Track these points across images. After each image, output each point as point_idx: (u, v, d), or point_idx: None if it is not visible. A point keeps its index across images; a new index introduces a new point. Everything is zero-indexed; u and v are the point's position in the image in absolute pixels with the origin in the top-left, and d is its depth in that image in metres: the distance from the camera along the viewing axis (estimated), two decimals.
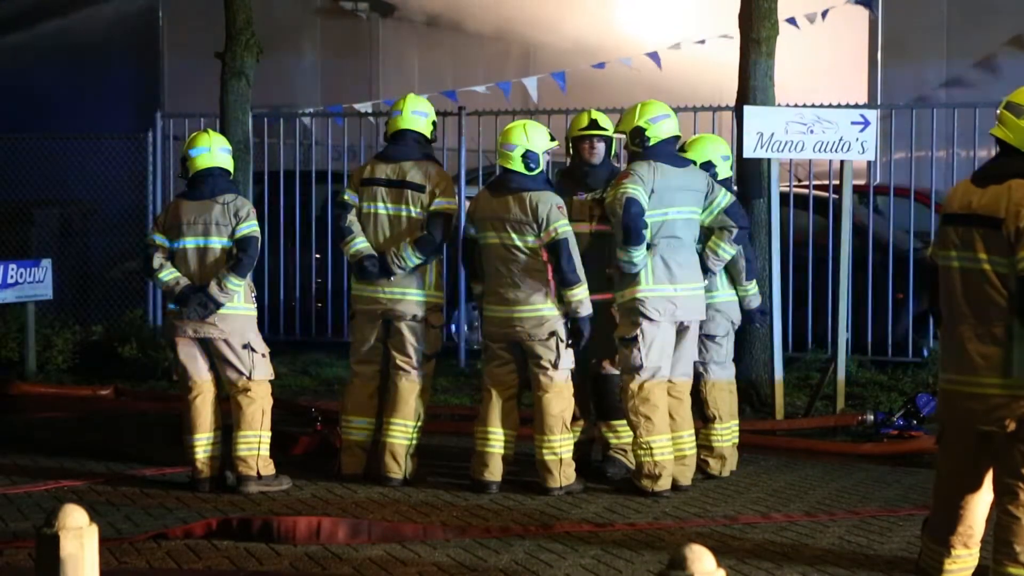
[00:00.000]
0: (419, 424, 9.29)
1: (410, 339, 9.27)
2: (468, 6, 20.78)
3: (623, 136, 9.15)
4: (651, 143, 8.98)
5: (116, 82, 18.71)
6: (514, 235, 8.95)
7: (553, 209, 8.90)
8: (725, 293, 9.47)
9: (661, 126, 9.02)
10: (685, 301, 8.92)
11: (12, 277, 13.51)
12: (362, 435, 9.44)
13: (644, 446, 8.82)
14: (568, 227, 8.90)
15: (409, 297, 9.28)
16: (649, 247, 8.80)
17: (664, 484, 8.86)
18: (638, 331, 8.80)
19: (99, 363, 13.79)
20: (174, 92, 18.60)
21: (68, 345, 14.03)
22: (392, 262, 9.21)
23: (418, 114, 9.41)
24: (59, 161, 15.95)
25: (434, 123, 9.51)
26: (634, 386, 8.82)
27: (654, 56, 15.55)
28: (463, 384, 12.86)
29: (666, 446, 8.87)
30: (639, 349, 8.81)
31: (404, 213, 9.29)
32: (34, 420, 11.79)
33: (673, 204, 8.91)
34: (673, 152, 9.13)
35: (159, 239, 9.30)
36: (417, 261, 9.20)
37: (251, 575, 7.27)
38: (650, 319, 8.80)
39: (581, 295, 8.88)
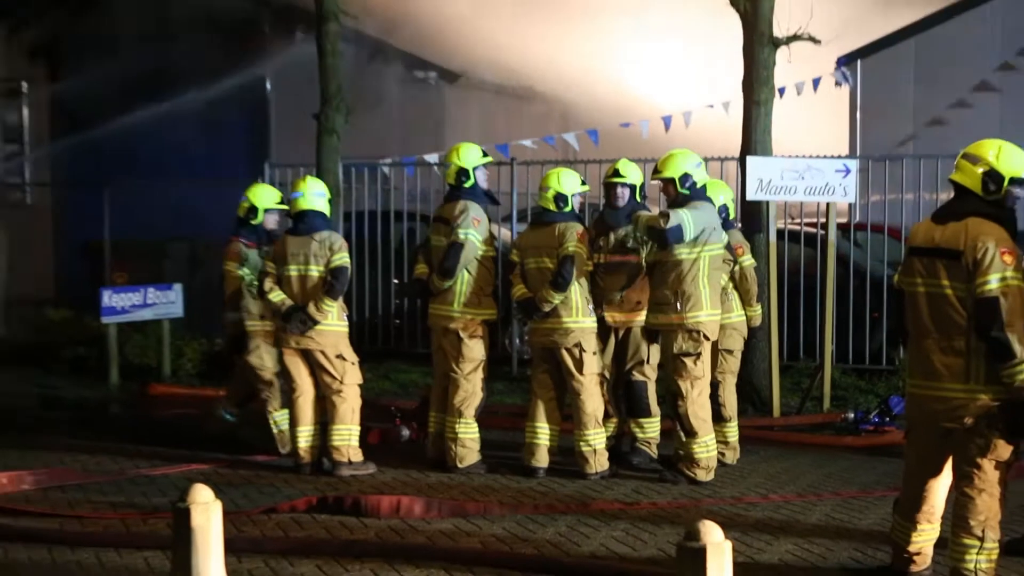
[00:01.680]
0: (464, 419, 9.14)
1: (450, 350, 9.25)
2: (518, 74, 20.84)
3: (658, 181, 8.83)
4: (698, 186, 8.76)
5: (233, 138, 18.86)
6: (546, 259, 8.96)
7: (572, 233, 8.88)
8: (739, 314, 9.41)
9: (702, 171, 8.82)
10: (717, 325, 8.84)
11: (151, 299, 13.70)
12: (436, 427, 9.45)
13: (702, 444, 8.69)
14: (579, 249, 8.85)
15: (443, 312, 9.23)
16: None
17: (713, 473, 8.82)
18: (701, 348, 8.66)
19: (221, 369, 13.84)
20: (280, 145, 18.70)
21: (195, 354, 14.10)
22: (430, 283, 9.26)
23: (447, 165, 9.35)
24: (187, 204, 16.08)
25: (473, 169, 9.23)
26: (695, 393, 8.66)
27: (667, 119, 15.60)
28: (515, 387, 12.86)
29: (714, 441, 8.85)
30: (701, 362, 8.67)
31: (440, 244, 9.28)
32: (169, 415, 11.87)
33: (717, 240, 8.76)
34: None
35: (270, 267, 9.41)
36: (447, 282, 9.10)
37: (344, 543, 7.33)
38: (708, 339, 8.70)
39: (555, 300, 8.84)
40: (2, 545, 7.41)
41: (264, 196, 10.14)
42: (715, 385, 9.18)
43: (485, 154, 9.39)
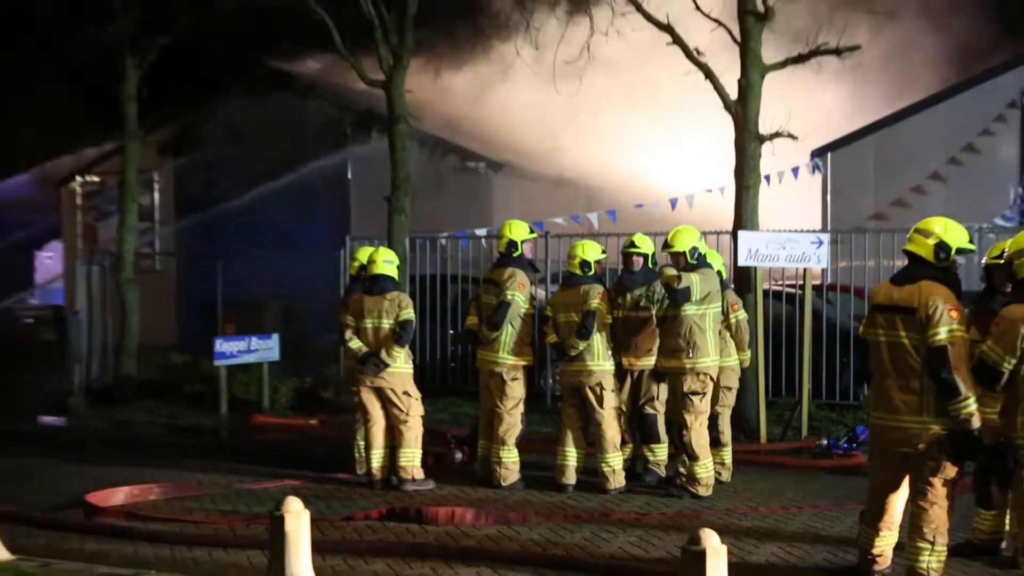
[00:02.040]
0: (507, 447, 9.11)
1: (495, 389, 9.24)
2: (550, 164, 20.90)
3: (672, 251, 8.74)
4: (704, 257, 8.78)
5: (320, 216, 19.03)
6: (574, 314, 8.96)
7: (594, 293, 8.88)
8: (734, 358, 9.38)
9: (703, 242, 8.82)
10: (718, 368, 8.82)
11: (254, 346, 13.78)
12: (483, 452, 9.45)
13: (703, 466, 8.66)
14: (600, 306, 8.83)
15: (490, 358, 9.20)
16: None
17: (711, 489, 8.76)
18: (707, 388, 8.67)
19: (310, 403, 13.87)
20: (358, 222, 18.83)
21: (289, 390, 14.08)
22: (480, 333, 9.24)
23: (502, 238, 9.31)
24: (282, 269, 16.19)
25: (520, 241, 9.17)
26: (697, 425, 8.65)
27: (674, 201, 15.65)
28: (549, 419, 12.78)
29: (712, 463, 8.79)
30: (705, 399, 8.66)
31: (489, 301, 9.24)
32: (268, 440, 11.92)
33: (718, 300, 8.75)
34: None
35: (349, 321, 9.46)
36: (495, 333, 9.10)
37: (409, 546, 7.34)
38: (712, 380, 8.70)
39: (579, 347, 8.81)
40: (134, 544, 7.47)
41: None
42: (714, 416, 9.14)
43: (532, 230, 9.40)
